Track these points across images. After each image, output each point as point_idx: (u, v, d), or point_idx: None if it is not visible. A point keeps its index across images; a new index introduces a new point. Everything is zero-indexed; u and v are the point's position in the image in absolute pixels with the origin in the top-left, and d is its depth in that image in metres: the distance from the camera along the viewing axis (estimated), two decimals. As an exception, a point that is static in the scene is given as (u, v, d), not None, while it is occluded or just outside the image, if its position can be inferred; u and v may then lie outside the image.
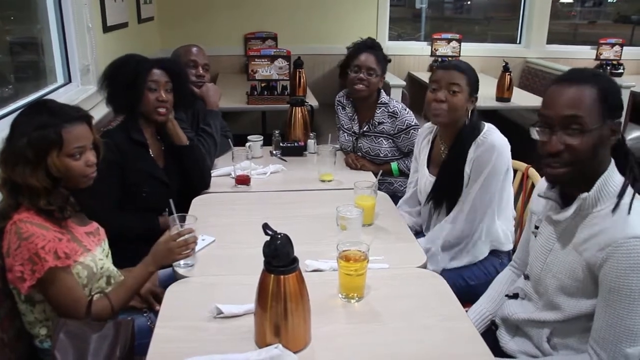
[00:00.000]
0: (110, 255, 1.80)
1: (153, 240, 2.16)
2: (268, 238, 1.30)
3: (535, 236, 1.55)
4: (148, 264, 1.68)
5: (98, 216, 1.81)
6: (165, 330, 1.41)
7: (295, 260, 1.31)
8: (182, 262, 1.73)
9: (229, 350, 1.31)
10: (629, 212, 1.29)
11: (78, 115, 1.60)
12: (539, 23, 5.59)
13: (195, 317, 1.46)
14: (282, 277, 1.29)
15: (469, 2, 7.20)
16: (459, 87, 2.00)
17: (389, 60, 2.79)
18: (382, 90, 2.72)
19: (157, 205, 2.27)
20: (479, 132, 2.02)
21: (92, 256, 1.65)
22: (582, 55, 5.65)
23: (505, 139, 2.02)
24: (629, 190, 1.32)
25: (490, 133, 2.01)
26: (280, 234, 1.30)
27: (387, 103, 2.69)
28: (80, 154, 1.58)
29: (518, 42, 5.80)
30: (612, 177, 1.35)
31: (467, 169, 2.01)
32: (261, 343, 1.33)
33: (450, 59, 5.22)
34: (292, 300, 1.30)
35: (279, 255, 1.28)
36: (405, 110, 2.69)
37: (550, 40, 5.73)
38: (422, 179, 2.23)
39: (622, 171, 1.37)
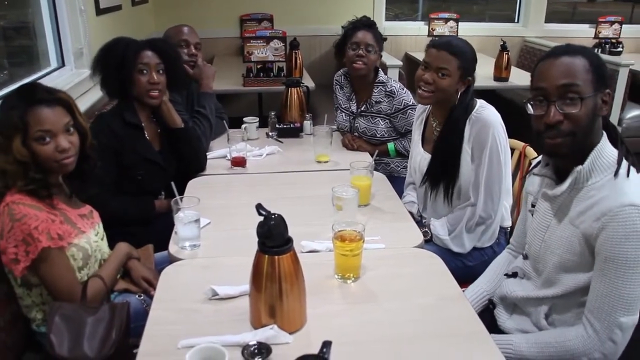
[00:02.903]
0: (105, 238, 1.79)
1: (149, 224, 2.18)
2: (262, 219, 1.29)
3: (532, 215, 1.54)
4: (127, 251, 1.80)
5: (93, 200, 1.80)
6: (161, 312, 1.41)
7: (289, 241, 1.30)
8: (187, 243, 1.73)
9: (225, 331, 1.30)
10: (626, 178, 1.31)
11: (49, 97, 1.54)
12: (537, 2, 5.54)
13: (190, 299, 1.46)
14: (276, 257, 1.28)
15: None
16: (447, 71, 1.97)
17: (385, 39, 2.76)
18: (380, 70, 2.70)
19: (153, 188, 2.27)
20: (472, 108, 2.00)
21: (87, 238, 1.64)
22: (581, 33, 5.59)
23: (498, 114, 2.01)
24: (624, 162, 1.33)
25: (483, 109, 2.00)
26: (274, 214, 1.29)
27: (384, 82, 2.67)
28: (49, 138, 1.53)
29: (516, 21, 5.75)
30: (605, 149, 1.36)
31: (466, 147, 2.00)
32: (256, 324, 1.33)
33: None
34: (287, 281, 1.29)
35: (273, 236, 1.27)
36: (403, 90, 2.67)
37: (549, 19, 5.69)
38: (416, 157, 2.22)
39: (612, 143, 1.38)
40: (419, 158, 2.19)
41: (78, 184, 1.68)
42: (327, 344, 1.08)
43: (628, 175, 1.31)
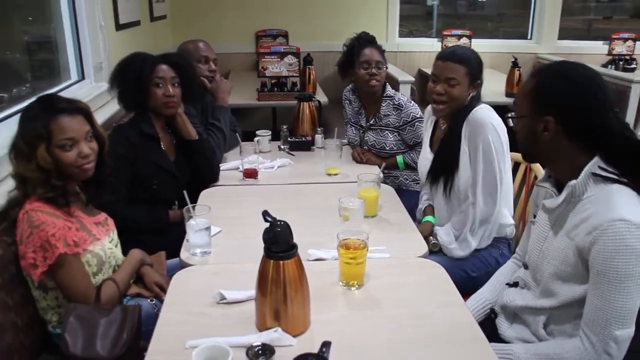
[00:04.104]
0: (119, 245, 1.86)
1: (162, 232, 2.24)
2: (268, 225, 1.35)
3: (533, 225, 1.58)
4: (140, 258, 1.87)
5: (108, 208, 1.88)
6: (170, 315, 1.47)
7: (294, 247, 1.35)
8: (198, 250, 1.79)
9: (231, 334, 1.35)
10: (618, 193, 1.33)
11: (70, 107, 1.63)
12: (550, 18, 5.59)
13: (199, 303, 1.51)
14: (281, 262, 1.33)
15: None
16: (456, 80, 2.04)
17: (384, 50, 2.82)
18: (387, 84, 2.76)
19: (167, 197, 2.33)
20: (471, 109, 2.05)
21: (101, 245, 1.71)
22: (595, 50, 5.63)
23: (493, 114, 2.04)
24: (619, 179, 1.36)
25: (480, 110, 2.04)
26: (280, 221, 1.35)
27: (392, 96, 2.73)
28: (71, 145, 1.61)
29: (529, 37, 5.80)
30: (601, 165, 1.37)
31: (464, 147, 2.05)
32: (262, 327, 1.37)
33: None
34: (291, 286, 1.34)
35: (278, 242, 1.32)
36: (410, 102, 2.73)
37: (565, 36, 5.73)
38: (423, 159, 2.30)
39: (613, 161, 1.38)
40: (425, 160, 2.26)
41: (94, 189, 1.75)
42: (326, 344, 1.12)
43: (620, 191, 1.33)
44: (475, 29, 5.53)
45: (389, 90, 2.75)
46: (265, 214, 1.35)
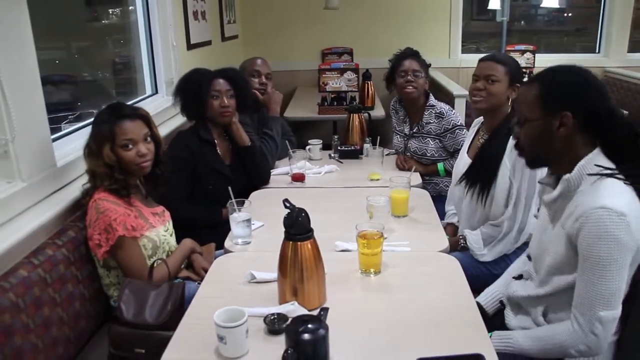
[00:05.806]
0: (174, 234, 2.12)
1: (216, 227, 2.49)
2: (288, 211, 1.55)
3: (537, 219, 1.70)
4: (190, 246, 2.12)
5: (169, 204, 2.16)
6: (207, 290, 1.71)
7: (310, 231, 1.55)
8: (239, 240, 2.02)
9: (256, 307, 1.55)
10: (604, 183, 1.43)
11: (132, 113, 1.92)
12: (619, 31, 5.52)
13: (233, 281, 1.74)
14: (298, 244, 1.53)
15: (567, 15, 7.10)
16: (496, 77, 2.18)
17: (429, 65, 2.99)
18: (430, 94, 2.92)
19: (222, 197, 2.58)
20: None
21: (156, 232, 1.98)
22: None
23: None
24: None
25: None
26: (298, 208, 1.55)
27: (434, 105, 2.90)
28: (131, 146, 1.89)
29: (597, 51, 5.73)
30: (596, 161, 1.47)
31: (506, 161, 2.13)
32: (282, 302, 1.58)
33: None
34: (307, 265, 1.54)
35: (296, 225, 1.53)
36: (452, 111, 2.89)
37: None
38: (459, 162, 2.41)
39: (615, 148, 1.49)
40: (462, 163, 2.37)
41: (152, 184, 2.04)
42: (324, 309, 1.31)
43: (607, 182, 1.43)
44: (551, 45, 5.50)
45: (432, 100, 2.91)
46: (286, 201, 1.56)
